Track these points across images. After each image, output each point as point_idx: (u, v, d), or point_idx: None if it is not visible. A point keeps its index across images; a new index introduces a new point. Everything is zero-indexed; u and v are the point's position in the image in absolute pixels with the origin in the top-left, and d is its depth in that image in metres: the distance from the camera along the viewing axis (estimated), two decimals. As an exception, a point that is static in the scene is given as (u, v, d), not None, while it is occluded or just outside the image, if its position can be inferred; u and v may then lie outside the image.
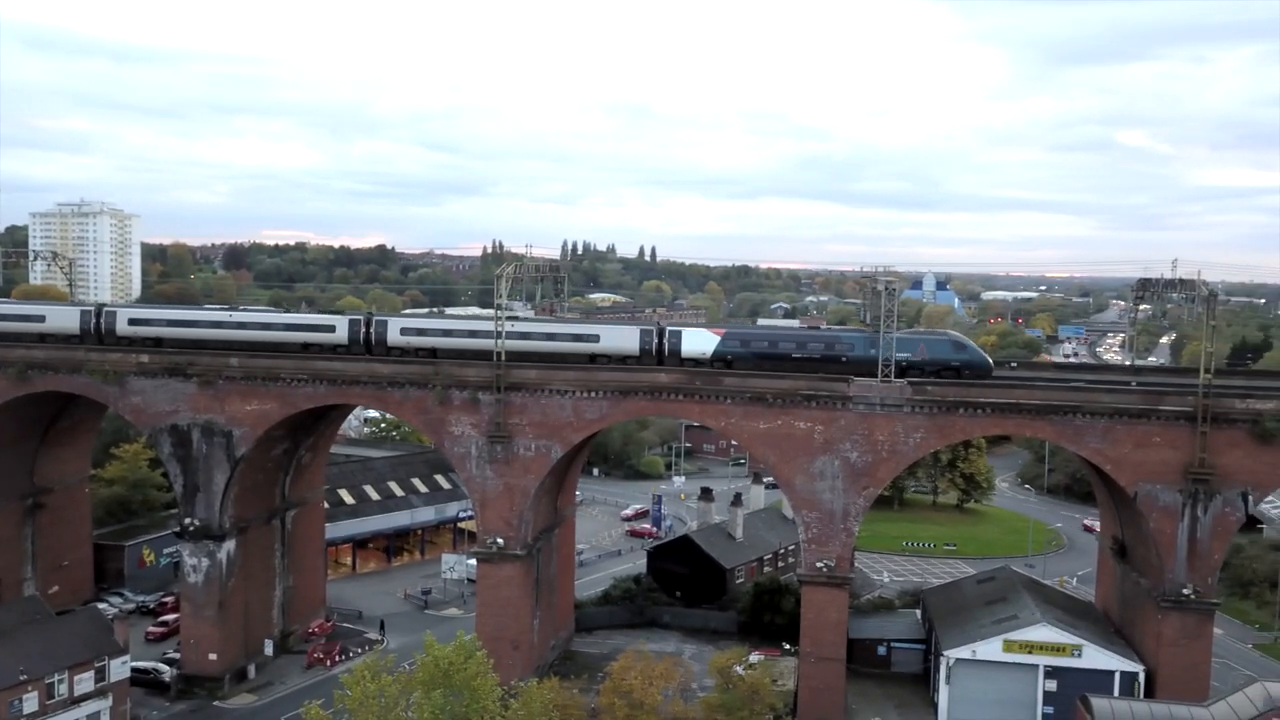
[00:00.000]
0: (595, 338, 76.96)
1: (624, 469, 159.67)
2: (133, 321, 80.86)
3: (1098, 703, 59.57)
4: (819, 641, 71.38)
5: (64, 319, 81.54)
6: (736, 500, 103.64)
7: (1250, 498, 67.53)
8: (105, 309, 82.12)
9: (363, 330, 77.53)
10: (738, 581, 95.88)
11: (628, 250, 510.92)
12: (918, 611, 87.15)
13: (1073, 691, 64.90)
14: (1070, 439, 69.49)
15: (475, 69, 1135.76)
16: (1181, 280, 73.51)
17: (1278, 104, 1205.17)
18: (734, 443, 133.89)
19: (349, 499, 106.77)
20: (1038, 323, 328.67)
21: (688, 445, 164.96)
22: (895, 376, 70.50)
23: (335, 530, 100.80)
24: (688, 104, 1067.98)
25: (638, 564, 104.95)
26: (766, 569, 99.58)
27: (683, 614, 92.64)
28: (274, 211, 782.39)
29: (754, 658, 77.78)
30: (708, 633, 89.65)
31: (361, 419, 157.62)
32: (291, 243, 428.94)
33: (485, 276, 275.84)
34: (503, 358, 72.61)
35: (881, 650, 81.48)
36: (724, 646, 79.52)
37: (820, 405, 70.73)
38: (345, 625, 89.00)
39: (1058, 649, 69.84)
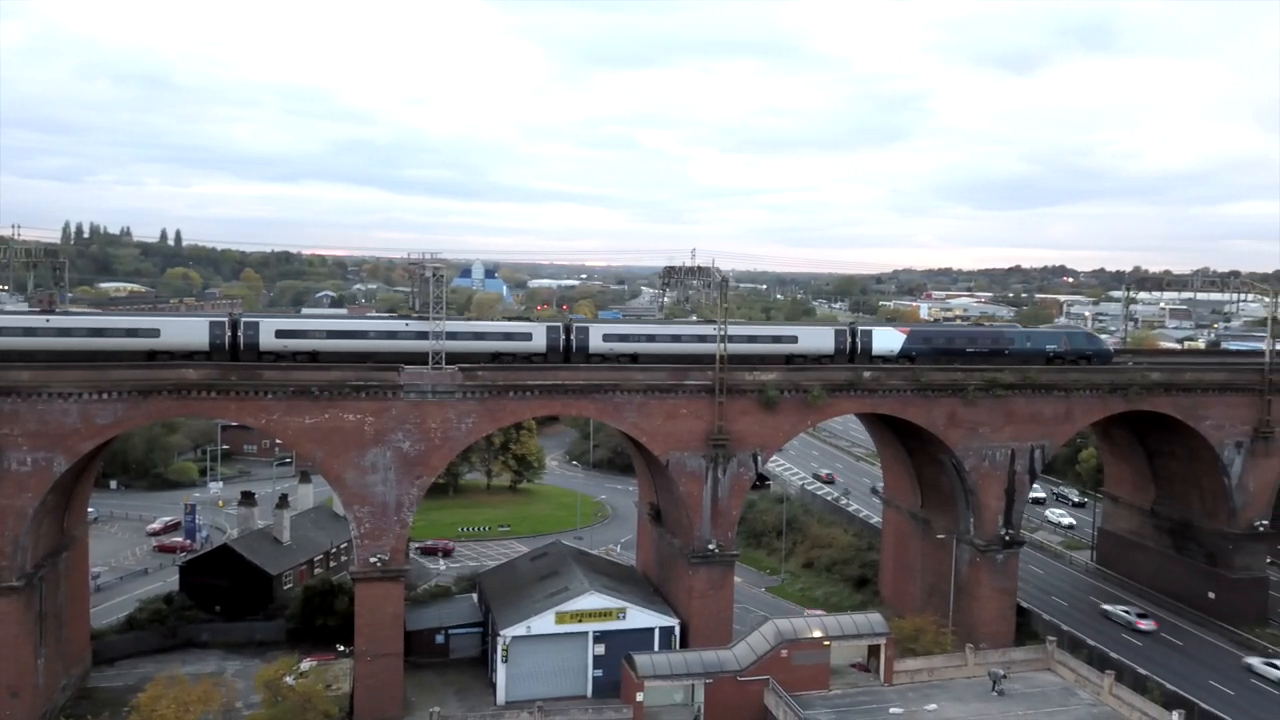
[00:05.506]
0: (794, 339, 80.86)
1: (149, 478, 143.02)
2: (281, 334, 70.66)
3: (640, 658, 64.14)
4: (375, 638, 69.28)
5: (187, 333, 70.41)
6: (282, 502, 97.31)
7: (759, 458, 76.45)
8: (244, 319, 71.93)
9: (562, 337, 76.08)
10: (286, 587, 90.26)
11: (148, 234, 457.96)
12: (474, 595, 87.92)
13: (619, 652, 69.27)
14: (611, 415, 73.73)
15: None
16: (700, 268, 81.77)
17: (768, 115, 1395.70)
18: (278, 441, 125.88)
19: None
20: (580, 309, 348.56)
21: (225, 447, 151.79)
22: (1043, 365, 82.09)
23: None
24: (214, 77, 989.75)
25: (169, 582, 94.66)
26: (317, 571, 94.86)
27: (224, 629, 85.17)
28: None
29: (306, 665, 73.69)
30: (254, 646, 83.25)
31: None
32: None
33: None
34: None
35: (440, 638, 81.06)
36: (273, 658, 74.27)
37: (370, 395, 68.35)
38: None
39: (605, 614, 73.91)
